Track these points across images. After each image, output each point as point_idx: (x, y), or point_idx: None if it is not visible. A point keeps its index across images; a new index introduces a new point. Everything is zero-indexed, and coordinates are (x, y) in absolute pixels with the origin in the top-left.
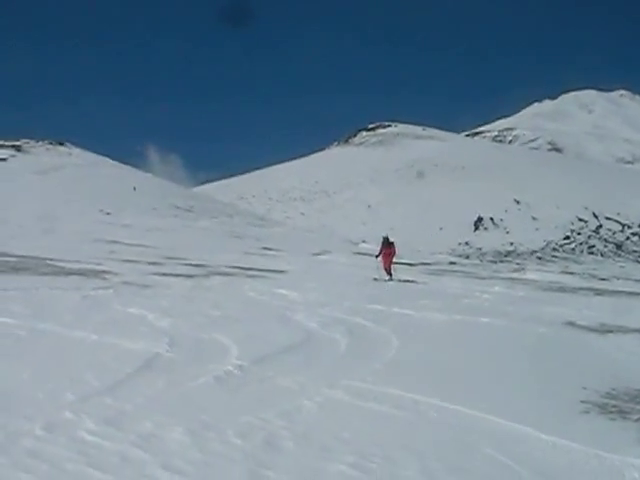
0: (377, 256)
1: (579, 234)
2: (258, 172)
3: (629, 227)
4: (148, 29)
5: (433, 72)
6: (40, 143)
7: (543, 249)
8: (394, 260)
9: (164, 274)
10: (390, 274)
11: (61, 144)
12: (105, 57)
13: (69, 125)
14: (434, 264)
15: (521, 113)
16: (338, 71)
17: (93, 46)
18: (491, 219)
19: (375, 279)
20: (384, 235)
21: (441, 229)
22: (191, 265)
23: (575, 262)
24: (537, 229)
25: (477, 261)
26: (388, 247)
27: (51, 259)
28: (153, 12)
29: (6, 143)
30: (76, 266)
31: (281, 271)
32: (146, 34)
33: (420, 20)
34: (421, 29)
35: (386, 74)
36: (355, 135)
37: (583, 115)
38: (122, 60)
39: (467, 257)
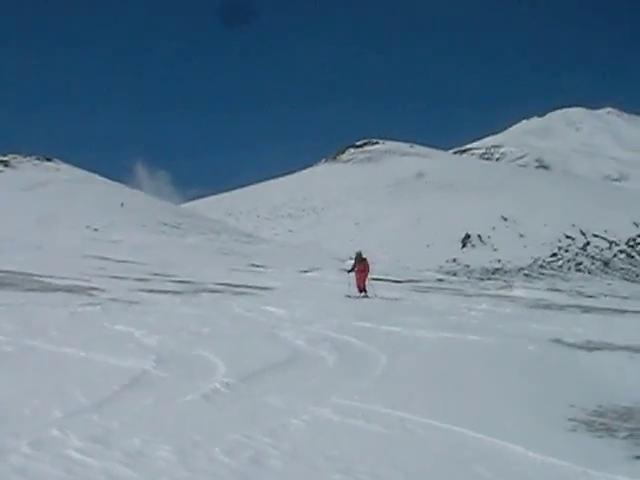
0: (349, 271)
1: (566, 251)
2: (247, 189)
3: (616, 244)
4: (134, 46)
5: (421, 89)
6: (28, 158)
7: (530, 266)
8: (369, 276)
9: (152, 291)
10: (365, 290)
11: (49, 160)
12: (93, 72)
13: (57, 140)
14: (422, 281)
15: (509, 130)
16: (325, 87)
17: (81, 60)
18: (479, 236)
19: (348, 296)
20: (357, 251)
21: (428, 246)
22: (179, 282)
23: (562, 279)
24: (524, 246)
25: (465, 278)
26: (361, 263)
27: (39, 275)
28: (139, 28)
29: None
30: (64, 282)
31: (269, 288)
32: (132, 51)
33: (407, 37)
34: (407, 46)
35: (373, 91)
36: (343, 152)
37: (571, 133)
38: (110, 75)
39: (455, 274)
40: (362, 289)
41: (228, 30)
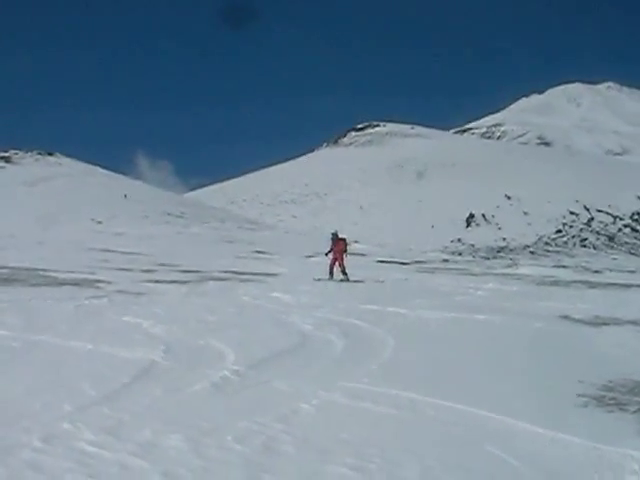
0: (327, 254)
1: (571, 227)
2: (249, 176)
3: (621, 219)
4: (135, 37)
5: (419, 70)
6: (29, 154)
7: (535, 243)
8: (346, 257)
9: (157, 281)
10: (345, 273)
11: (50, 154)
12: (92, 64)
13: (57, 134)
14: (427, 262)
15: (509, 108)
16: (324, 72)
17: (81, 53)
18: (483, 215)
19: (318, 279)
20: (333, 231)
21: (433, 227)
22: (184, 271)
23: (568, 255)
24: (529, 224)
25: (470, 258)
26: (338, 243)
27: (44, 270)
28: (141, 21)
29: None
30: (69, 276)
31: (274, 274)
32: (133, 43)
33: (406, 19)
34: (407, 28)
35: (373, 73)
36: (344, 135)
37: (571, 108)
38: (109, 67)
39: (460, 254)
40: (341, 271)
41: (232, 25)
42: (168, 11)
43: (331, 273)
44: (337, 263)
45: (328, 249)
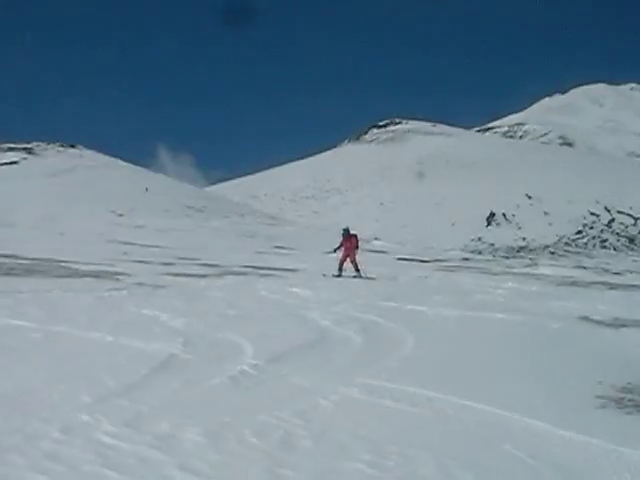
0: (336, 250)
1: (591, 228)
2: (270, 171)
3: None
4: (156, 31)
5: (443, 68)
6: (51, 146)
7: (556, 244)
8: (358, 253)
9: (177, 274)
10: (357, 269)
11: (72, 146)
12: (115, 58)
13: (80, 126)
14: (447, 260)
15: (531, 108)
16: (348, 68)
17: (103, 47)
18: (503, 214)
19: (324, 275)
20: (344, 227)
21: (453, 225)
22: (204, 265)
23: (588, 256)
24: (549, 224)
25: (490, 257)
26: (348, 240)
27: (64, 261)
28: (162, 14)
29: (17, 146)
30: (89, 268)
31: (294, 270)
32: (155, 35)
33: (429, 17)
34: (430, 26)
35: (395, 71)
36: (366, 132)
37: (594, 109)
38: (132, 61)
39: (480, 253)
40: (354, 268)
41: (248, 16)
42: (194, 6)
43: (340, 269)
44: (349, 259)
45: (337, 245)
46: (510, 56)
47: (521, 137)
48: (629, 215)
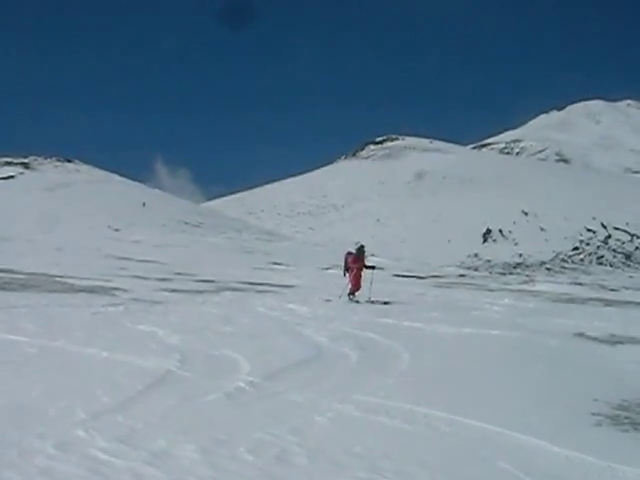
0: (346, 271)
1: (588, 245)
2: (267, 187)
3: (638, 237)
4: (150, 43)
5: (439, 84)
6: (48, 160)
7: (552, 260)
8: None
9: (174, 290)
10: (354, 292)
11: (69, 161)
12: (111, 73)
13: (77, 140)
14: (443, 277)
15: (528, 124)
16: (344, 84)
17: (99, 62)
18: (500, 231)
19: (350, 299)
20: (360, 244)
21: (450, 241)
22: (201, 281)
23: (584, 273)
24: (546, 240)
25: (486, 273)
26: (358, 259)
27: (60, 276)
28: (157, 24)
29: (14, 160)
30: (86, 283)
31: (290, 286)
32: (150, 48)
33: (425, 32)
34: (425, 41)
35: (391, 86)
36: (363, 148)
37: (590, 125)
38: (128, 74)
39: (476, 269)
40: (356, 289)
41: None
42: (191, 16)
43: (354, 291)
44: (355, 277)
45: (345, 266)
46: (507, 72)
47: (518, 153)
48: (625, 231)
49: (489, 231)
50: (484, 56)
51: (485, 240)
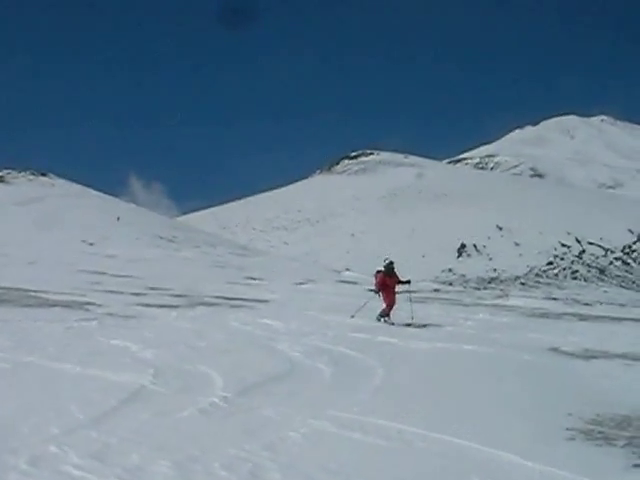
0: (378, 292)
1: (562, 259)
2: (241, 201)
3: (612, 252)
4: (125, 58)
5: (414, 99)
6: (22, 174)
7: (526, 275)
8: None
9: (148, 305)
10: (388, 313)
11: (43, 175)
12: (85, 85)
13: (52, 154)
14: (418, 291)
15: (503, 139)
16: (318, 99)
17: (72, 73)
18: (474, 246)
19: (385, 321)
20: (388, 260)
21: (424, 256)
22: (175, 295)
23: (558, 287)
24: (520, 255)
25: (461, 288)
26: (391, 278)
27: (34, 290)
28: (132, 41)
29: None
30: (59, 297)
31: (264, 300)
32: (124, 62)
33: (400, 48)
34: (401, 56)
35: (367, 102)
36: (337, 163)
37: (565, 141)
38: (102, 88)
39: (450, 284)
40: (390, 309)
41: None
42: (167, 33)
43: (389, 312)
44: (388, 298)
45: (376, 286)
46: (481, 87)
47: (492, 168)
48: (599, 246)
49: (463, 246)
50: (458, 71)
51: (460, 255)
